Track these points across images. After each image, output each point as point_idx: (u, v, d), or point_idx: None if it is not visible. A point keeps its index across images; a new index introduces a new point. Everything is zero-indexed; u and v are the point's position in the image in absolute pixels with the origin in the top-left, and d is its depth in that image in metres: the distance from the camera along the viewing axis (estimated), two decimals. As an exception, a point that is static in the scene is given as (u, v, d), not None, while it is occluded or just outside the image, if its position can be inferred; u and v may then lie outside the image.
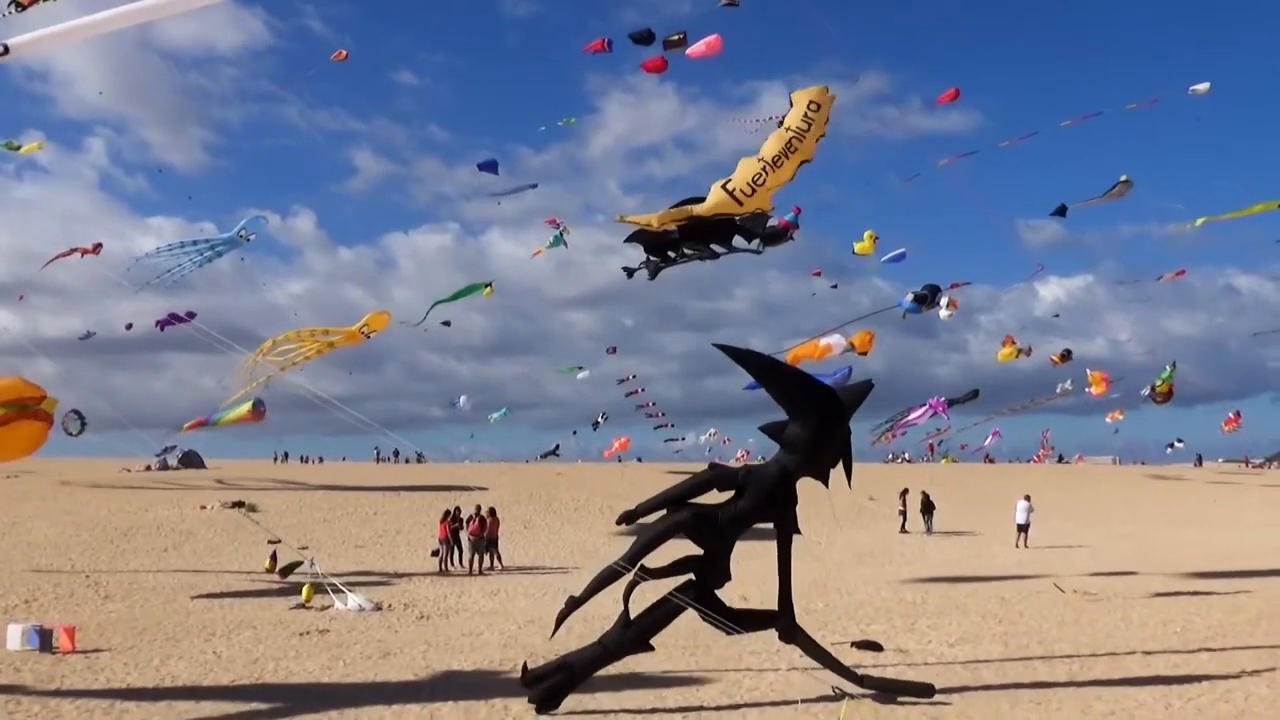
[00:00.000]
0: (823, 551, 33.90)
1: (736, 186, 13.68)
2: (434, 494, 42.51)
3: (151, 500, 38.43)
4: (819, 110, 13.56)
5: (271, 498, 39.97)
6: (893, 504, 41.66)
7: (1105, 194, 27.24)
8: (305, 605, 21.42)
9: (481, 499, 36.12)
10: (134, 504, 37.33)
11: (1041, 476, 58.04)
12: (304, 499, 40.25)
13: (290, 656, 15.95)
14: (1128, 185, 27.11)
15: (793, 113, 13.55)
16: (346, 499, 40.92)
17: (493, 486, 44.91)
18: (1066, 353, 35.53)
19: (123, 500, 38.14)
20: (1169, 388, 37.24)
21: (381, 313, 28.70)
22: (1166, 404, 38.22)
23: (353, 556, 30.76)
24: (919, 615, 18.96)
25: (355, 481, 47.79)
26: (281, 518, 35.79)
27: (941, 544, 36.64)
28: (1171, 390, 37.06)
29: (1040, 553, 32.58)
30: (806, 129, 13.46)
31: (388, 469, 62.97)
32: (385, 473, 56.31)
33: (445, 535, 29.50)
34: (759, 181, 13.65)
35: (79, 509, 36.01)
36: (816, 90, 13.64)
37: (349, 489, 44.62)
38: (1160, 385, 36.43)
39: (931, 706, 11.94)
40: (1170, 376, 36.42)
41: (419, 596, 23.69)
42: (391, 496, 42.12)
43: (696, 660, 15.36)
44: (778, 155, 13.37)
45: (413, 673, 14.57)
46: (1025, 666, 14.35)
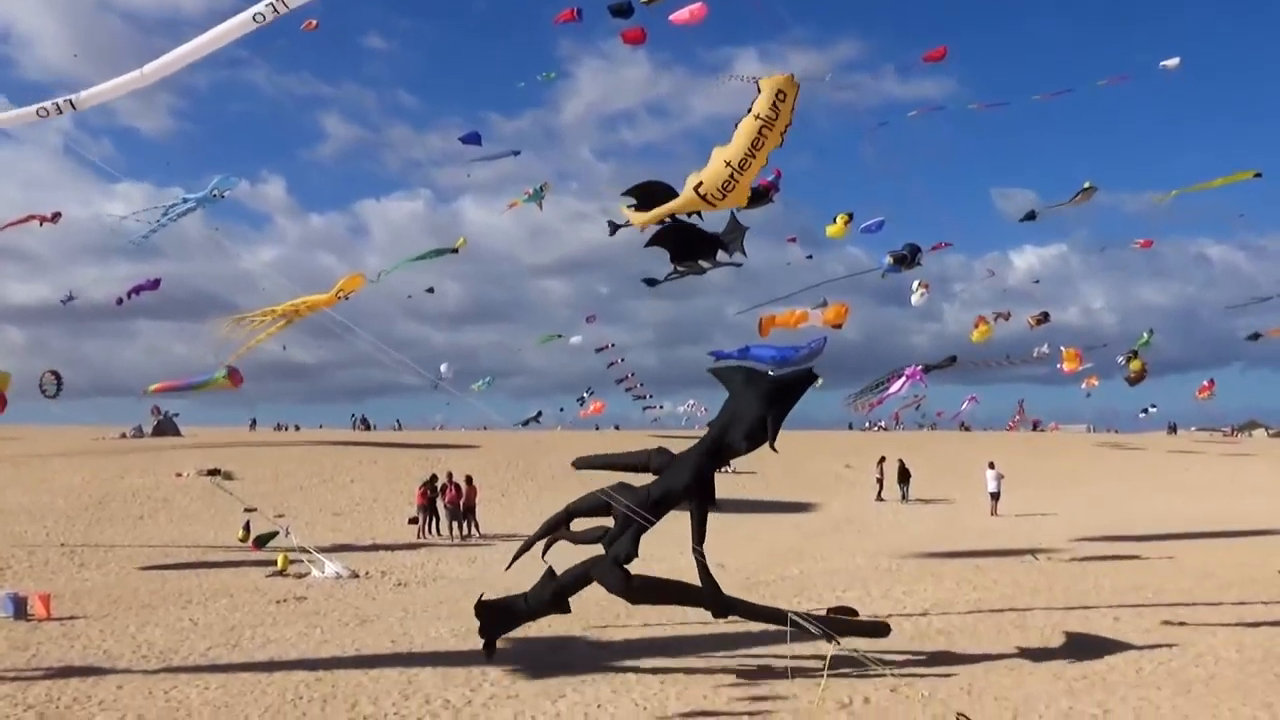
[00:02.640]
0: (799, 519, 34.15)
1: (708, 191, 13.97)
2: (412, 461, 42.43)
3: (126, 467, 38.14)
4: (785, 100, 13.63)
5: (247, 465, 39.75)
6: (869, 472, 41.96)
7: (1071, 200, 27.63)
8: (282, 573, 21.37)
9: (458, 465, 36.07)
10: (108, 471, 37.03)
11: (1015, 444, 58.55)
12: (281, 467, 40.06)
13: (267, 624, 15.92)
14: (1092, 191, 27.54)
15: (761, 99, 13.58)
16: (323, 466, 40.76)
17: (469, 454, 44.85)
18: (1044, 315, 35.74)
19: (96, 467, 37.82)
20: (1142, 366, 37.62)
21: (355, 275, 28.43)
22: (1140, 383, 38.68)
23: (330, 524, 30.68)
24: (894, 582, 19.12)
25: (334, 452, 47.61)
26: (258, 485, 35.63)
27: (916, 512, 36.96)
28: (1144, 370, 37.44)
29: (1013, 521, 32.92)
30: (775, 118, 13.52)
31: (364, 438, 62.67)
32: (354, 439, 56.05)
33: (423, 503, 29.48)
34: (728, 188, 13.91)
35: (52, 477, 35.69)
36: (784, 79, 13.70)
37: (328, 443, 44.44)
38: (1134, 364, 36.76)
39: (909, 671, 12.05)
40: (1147, 344, 36.78)
41: (396, 564, 23.69)
42: (369, 464, 41.98)
43: (673, 625, 15.44)
44: (744, 155, 13.51)
45: (390, 640, 14.58)
46: (998, 632, 14.50)
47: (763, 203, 18.16)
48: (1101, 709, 10.49)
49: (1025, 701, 10.76)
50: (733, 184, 13.83)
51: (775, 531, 29.90)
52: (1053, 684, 11.50)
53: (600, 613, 16.66)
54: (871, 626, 13.04)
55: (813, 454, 48.19)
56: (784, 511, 35.75)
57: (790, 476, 43.73)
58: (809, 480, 43.81)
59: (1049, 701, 10.75)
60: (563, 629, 15.35)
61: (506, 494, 37.73)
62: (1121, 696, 10.93)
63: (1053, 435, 75.86)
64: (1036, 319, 35.26)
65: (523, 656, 13.15)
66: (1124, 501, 38.38)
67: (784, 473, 43.62)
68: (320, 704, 10.97)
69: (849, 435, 63.84)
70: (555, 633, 15.14)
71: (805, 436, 54.79)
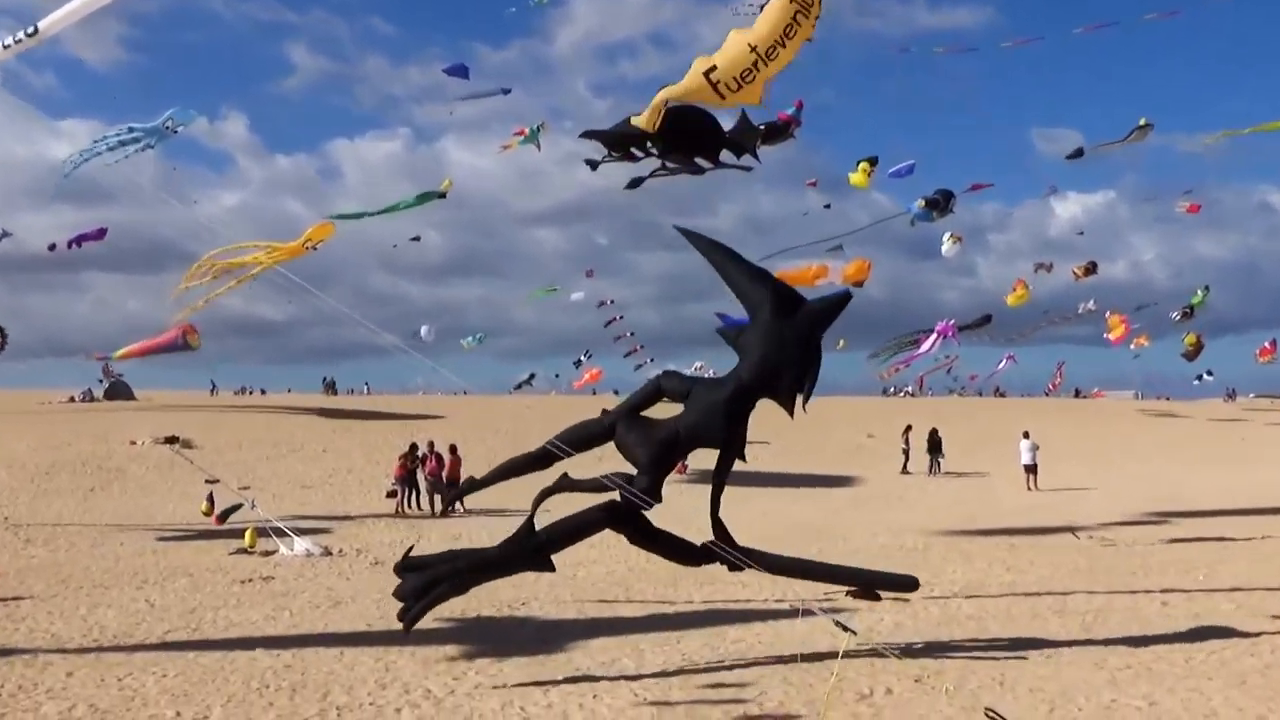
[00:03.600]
0: (817, 494, 34.23)
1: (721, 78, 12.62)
2: (389, 428, 42.51)
3: (75, 434, 38.22)
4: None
5: (208, 432, 39.84)
6: (894, 442, 42.03)
7: (1125, 139, 27.38)
8: (247, 550, 21.46)
9: (440, 433, 36.12)
10: (56, 438, 37.12)
11: (1055, 412, 58.57)
12: (245, 434, 40.14)
13: (231, 605, 16.00)
14: (1148, 129, 27.24)
15: None
16: (292, 434, 40.84)
17: (452, 421, 44.92)
18: (1091, 265, 35.63)
19: (43, 434, 37.90)
20: (1197, 340, 37.61)
21: (325, 224, 28.34)
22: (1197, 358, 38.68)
23: (299, 497, 30.79)
24: (920, 564, 19.18)
25: (304, 419, 47.68)
26: (220, 455, 35.71)
27: (946, 486, 37.06)
28: (1200, 344, 37.42)
29: (1052, 495, 33.02)
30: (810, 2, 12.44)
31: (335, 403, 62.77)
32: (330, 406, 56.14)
33: (402, 474, 29.55)
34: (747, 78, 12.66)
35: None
36: None
37: (296, 409, 44.51)
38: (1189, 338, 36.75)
39: (933, 660, 12.10)
40: (1202, 301, 36.71)
41: (373, 541, 23.78)
42: (342, 433, 42.07)
43: (674, 606, 15.51)
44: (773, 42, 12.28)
45: (365, 623, 14.65)
46: (1035, 617, 14.56)
47: (782, 138, 17.72)
48: (1147, 701, 10.53)
49: (1063, 693, 10.80)
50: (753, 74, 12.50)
51: (791, 507, 29.97)
52: (1094, 674, 11.55)
53: (598, 594, 16.75)
54: (903, 581, 13.01)
55: (833, 422, 48.25)
56: (800, 485, 35.83)
57: (808, 447, 43.80)
58: (828, 451, 43.89)
59: (1089, 693, 10.79)
60: (554, 611, 15.43)
61: (494, 464, 37.78)
62: (1169, 688, 10.97)
63: (1096, 402, 75.90)
64: (1084, 269, 35.18)
65: (510, 640, 13.22)
66: (1174, 475, 38.46)
67: (801, 442, 43.67)
68: (289, 693, 11.03)
69: (872, 401, 63.85)
70: (544, 610, 15.22)
71: (825, 403, 54.71)
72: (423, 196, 30.25)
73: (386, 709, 10.49)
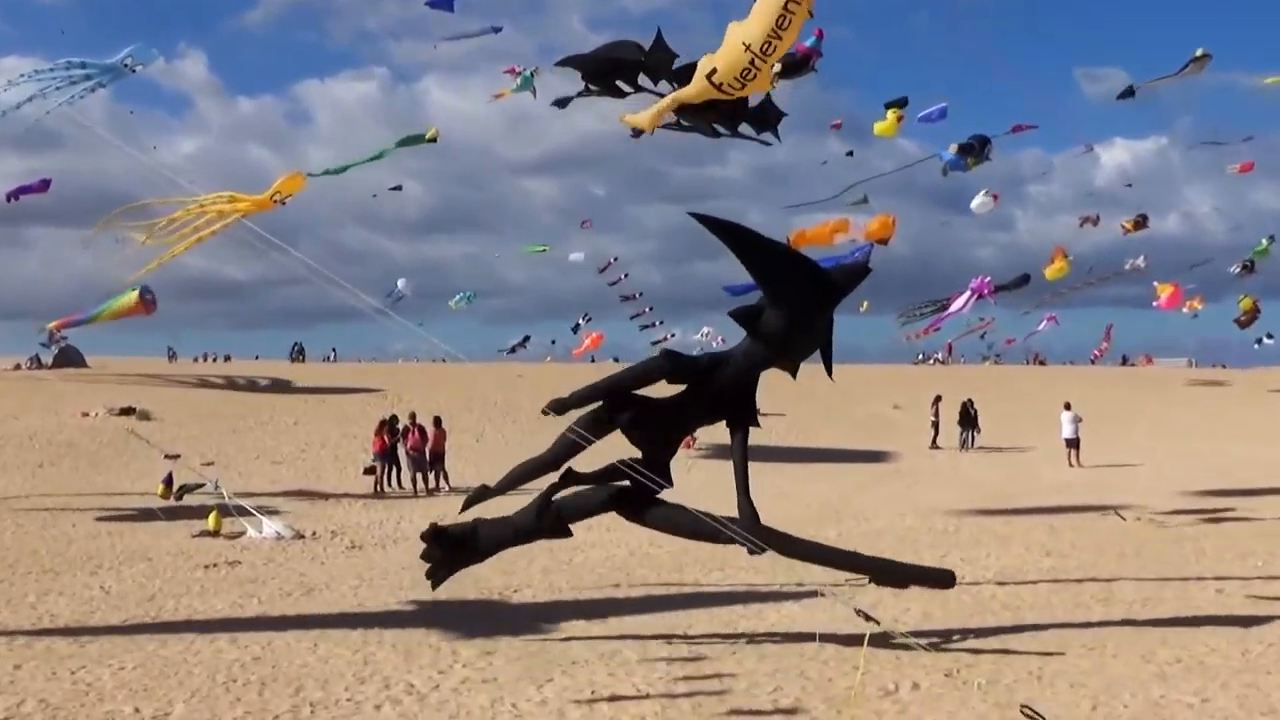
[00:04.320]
0: (837, 471, 34.29)
1: (723, 81, 13.44)
2: (367, 399, 42.58)
3: (22, 405, 38.29)
4: None
5: (168, 404, 39.90)
6: (922, 414, 42.04)
7: (1180, 72, 27.13)
8: (211, 533, 21.54)
9: (423, 404, 36.16)
10: (1, 409, 37.18)
11: (1100, 381, 58.54)
12: (208, 405, 40.21)
13: (194, 593, 16.07)
14: (1205, 61, 26.98)
15: None
16: (259, 405, 40.90)
17: (436, 389, 44.95)
18: (1141, 219, 35.46)
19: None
20: (1253, 305, 37.48)
21: (294, 175, 28.13)
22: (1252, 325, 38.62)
23: (268, 475, 30.87)
24: (951, 546, 19.23)
25: (272, 388, 47.73)
26: (180, 428, 35.80)
27: (979, 462, 37.11)
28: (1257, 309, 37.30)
29: (1096, 472, 33.05)
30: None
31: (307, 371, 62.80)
32: (303, 375, 56.20)
33: (381, 449, 29.61)
34: (748, 76, 13.44)
35: (-68, 416, 35.85)
36: None
37: (263, 379, 44.62)
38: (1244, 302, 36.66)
39: (965, 653, 12.14)
40: (1265, 251, 36.54)
41: (349, 523, 23.86)
42: (315, 403, 42.15)
43: (680, 593, 15.56)
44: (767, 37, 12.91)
45: (342, 612, 14.71)
46: (1077, 606, 14.60)
47: (801, 73, 17.70)
48: (1199, 697, 10.56)
49: (1107, 688, 10.83)
50: (753, 71, 13.48)
51: (808, 486, 29.99)
52: (1141, 668, 11.58)
53: (597, 580, 16.81)
54: (937, 575, 13.15)
55: (855, 392, 48.26)
56: (819, 461, 35.89)
57: (827, 419, 43.83)
58: (850, 424, 43.91)
59: (1136, 688, 10.82)
60: (547, 594, 15.49)
61: (482, 438, 37.88)
62: (1223, 683, 11.00)
63: (1145, 370, 75.85)
64: (1133, 223, 35.00)
65: (501, 631, 13.26)
66: (1230, 450, 38.45)
67: (819, 414, 43.72)
68: (258, 687, 11.07)
69: (899, 370, 63.82)
70: (538, 599, 15.28)
71: (847, 371, 54.66)
72: (407, 140, 30.02)
73: (365, 705, 10.53)
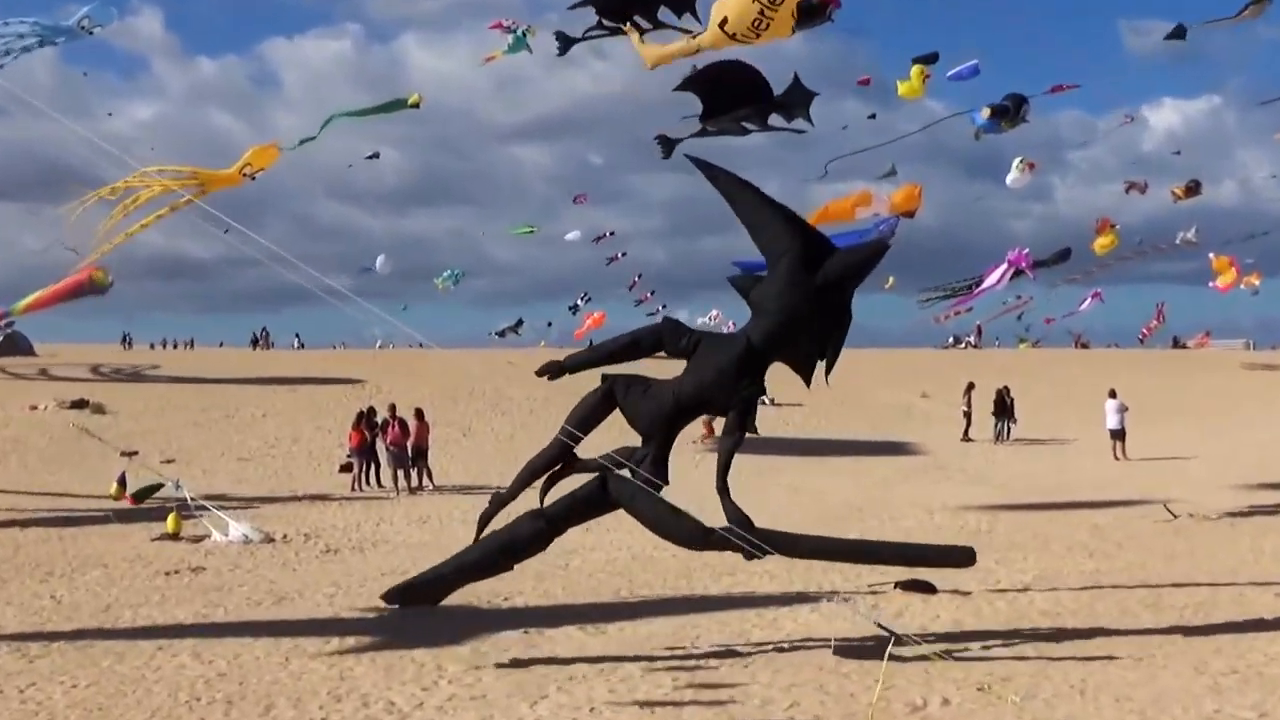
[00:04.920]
0: (859, 465, 34.31)
1: (736, 31, 13.57)
2: (343, 389, 42.62)
3: (-37, 398, 38.32)
4: None
5: (124, 396, 39.94)
6: (953, 403, 42.02)
7: (1237, 15, 26.98)
8: (172, 536, 21.56)
9: (405, 395, 36.18)
10: (-61, 403, 37.24)
11: (1149, 365, 58.53)
12: (168, 397, 40.24)
13: (153, 602, 16.09)
14: (1264, 3, 26.83)
15: None
16: (225, 397, 40.93)
17: (420, 379, 44.98)
18: (1193, 185, 35.33)
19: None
20: None
21: (267, 146, 28.14)
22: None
23: (234, 473, 30.93)
24: (985, 548, 19.20)
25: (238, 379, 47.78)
26: (138, 422, 35.85)
27: (1016, 455, 37.14)
28: None
29: (1144, 466, 33.05)
30: None
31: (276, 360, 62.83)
32: (267, 363, 56.23)
33: (359, 445, 29.65)
34: (760, 26, 13.54)
35: None
36: None
37: (228, 368, 44.63)
38: None
39: (999, 664, 12.15)
40: None
41: (324, 525, 23.89)
42: (286, 394, 42.18)
43: (687, 601, 15.57)
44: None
45: (317, 622, 14.72)
46: (1123, 612, 14.60)
47: (816, 21, 17.66)
48: (1257, 711, 10.56)
49: (1155, 702, 10.84)
50: (765, 20, 13.59)
51: (827, 481, 30.00)
52: (1193, 680, 11.58)
53: (596, 587, 16.83)
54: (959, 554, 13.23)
55: (878, 379, 48.27)
56: (839, 454, 35.88)
57: (848, 408, 43.85)
58: (873, 414, 43.92)
59: (1188, 703, 10.83)
60: (541, 602, 15.50)
61: (470, 432, 37.94)
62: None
63: (1199, 353, 75.80)
64: (1185, 189, 34.87)
65: (490, 643, 13.28)
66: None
67: (840, 403, 43.71)
68: (224, 706, 11.10)
69: (927, 354, 63.85)
70: (534, 612, 15.28)
71: (869, 356, 54.70)
72: (388, 105, 29.94)
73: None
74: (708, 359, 12.87)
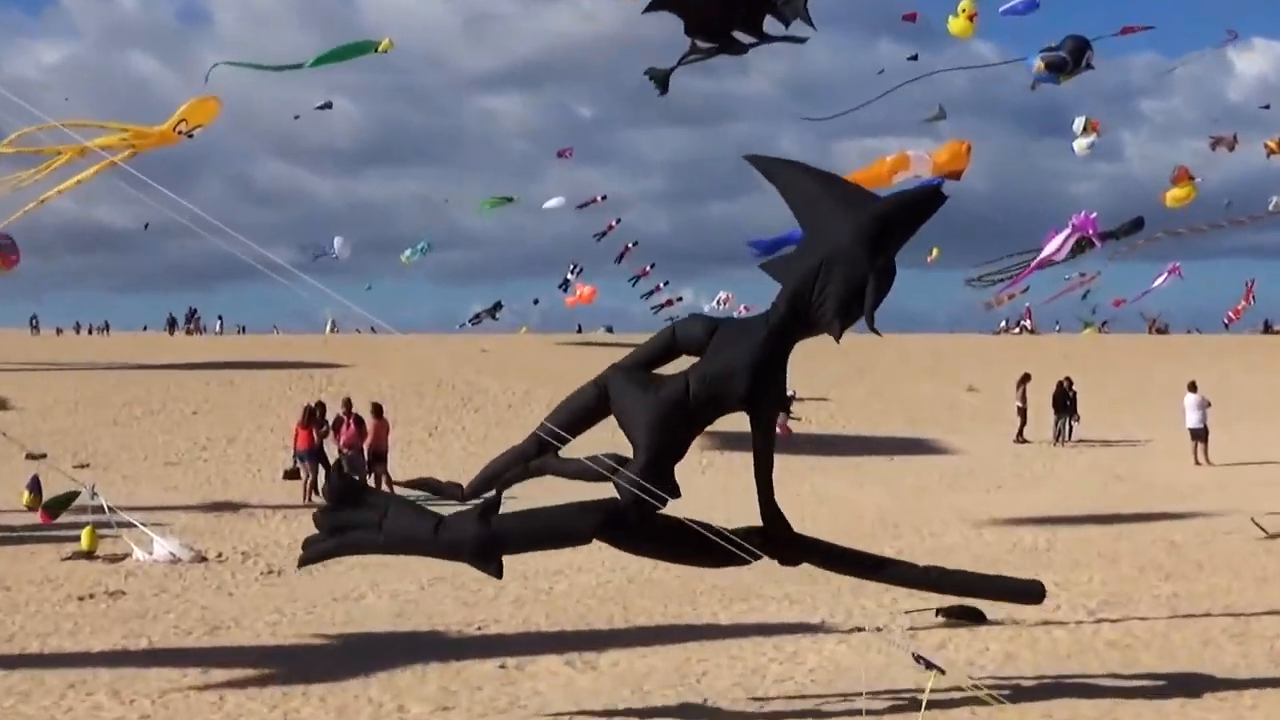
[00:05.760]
0: (895, 470, 34.29)
1: None
2: (289, 380, 42.56)
3: None
4: None
5: (30, 389, 39.91)
6: (1005, 397, 41.99)
7: None
8: (88, 554, 21.52)
9: (360, 389, 36.16)
10: None
11: (1236, 353, 58.52)
12: (82, 389, 40.20)
13: (65, 631, 16.07)
14: None
15: None
16: (150, 390, 40.89)
17: (377, 370, 44.95)
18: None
19: None
20: None
21: (206, 99, 28.11)
22: None
23: (162, 479, 30.88)
24: (1042, 567, 19.22)
25: (158, 361, 47.75)
26: (46, 420, 35.82)
27: (1080, 459, 37.11)
28: None
29: (1229, 472, 33.02)
30: None
31: (198, 345, 62.78)
32: (198, 350, 56.21)
33: (307, 446, 29.56)
34: None
35: None
36: None
37: (153, 357, 44.59)
38: None
39: (1059, 703, 12.14)
40: None
41: (265, 540, 23.86)
42: (222, 386, 42.13)
43: (692, 631, 15.55)
44: None
45: (257, 654, 14.70)
46: (1205, 644, 14.60)
47: None
48: (1361, 761, 10.58)
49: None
50: None
51: (858, 489, 29.97)
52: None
53: (584, 614, 16.80)
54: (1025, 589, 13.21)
55: (918, 369, 48.28)
56: (872, 456, 35.86)
57: (883, 404, 43.86)
58: (911, 410, 43.89)
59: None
60: (520, 631, 15.46)
61: (436, 432, 37.91)
62: (1394, 742, 11.02)
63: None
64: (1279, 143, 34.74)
65: (460, 680, 13.26)
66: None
67: (872, 398, 43.77)
68: (147, 754, 11.10)
69: (975, 341, 63.81)
70: (512, 643, 15.26)
71: (906, 343, 54.70)
72: (351, 48, 29.56)
73: (285, 776, 10.56)
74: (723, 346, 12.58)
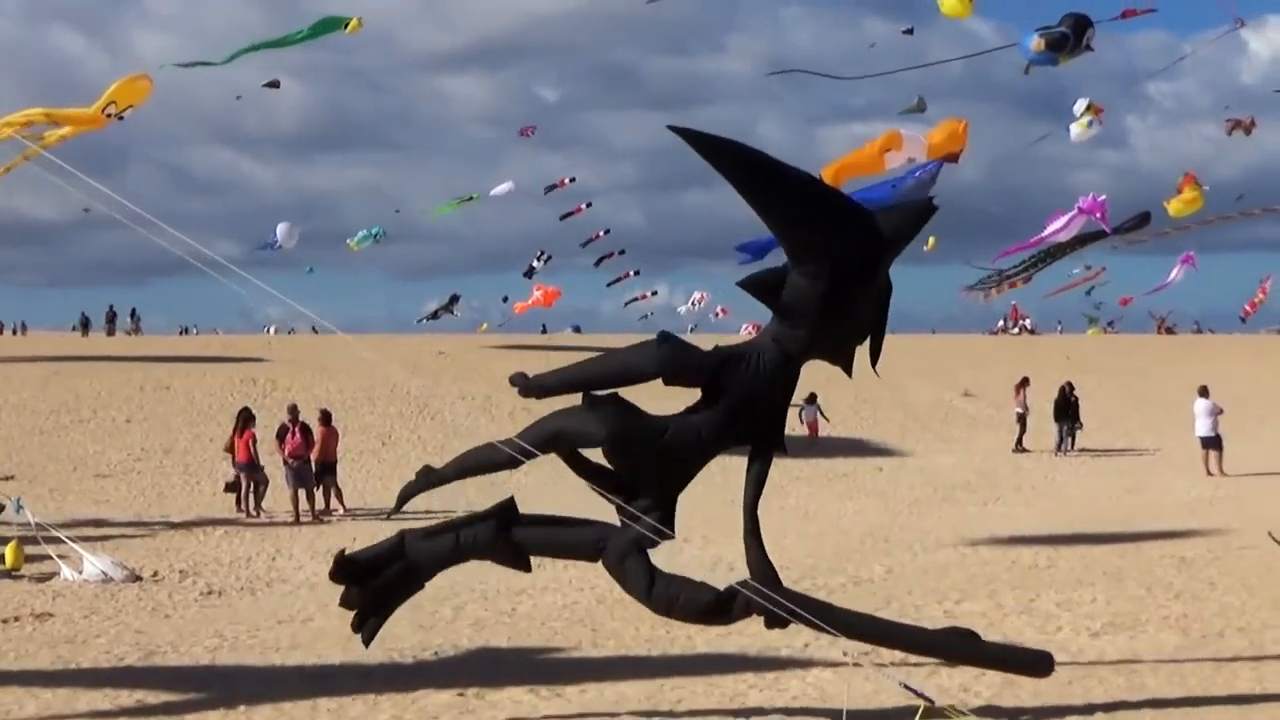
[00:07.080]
0: (885, 482, 34.38)
1: None
2: (230, 385, 42.44)
3: None
4: None
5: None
6: (1002, 403, 42.13)
7: None
8: (11, 574, 21.48)
9: (305, 394, 36.08)
10: None
11: (1250, 355, 58.80)
12: (3, 394, 40.03)
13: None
14: None
15: None
16: (78, 395, 40.72)
17: (323, 373, 44.84)
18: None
19: None
20: None
21: (137, 78, 27.98)
22: None
23: (92, 492, 30.77)
24: (1043, 587, 19.31)
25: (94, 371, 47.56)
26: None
27: (1083, 469, 37.26)
28: None
29: (1244, 483, 33.17)
30: None
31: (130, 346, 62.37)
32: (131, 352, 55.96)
33: (248, 458, 29.49)
34: None
35: None
36: None
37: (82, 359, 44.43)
38: None
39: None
40: None
41: (205, 558, 23.80)
42: (156, 392, 41.97)
43: (666, 656, 15.59)
44: None
45: (196, 681, 14.67)
46: (1217, 668, 14.66)
47: None
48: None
49: (1257, 783, 10.93)
50: None
51: (846, 502, 30.04)
52: (1304, 755, 11.69)
53: (549, 635, 16.82)
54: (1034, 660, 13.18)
55: (909, 372, 48.38)
56: (860, 466, 35.93)
57: (871, 410, 43.96)
58: (903, 416, 44.00)
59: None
60: (484, 663, 15.48)
61: (390, 441, 37.86)
62: None
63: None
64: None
65: (415, 710, 13.27)
66: None
67: (860, 403, 43.84)
68: (76, 791, 11.08)
69: (970, 341, 64.02)
70: (471, 669, 15.28)
71: (897, 344, 54.55)
72: (316, 27, 29.38)
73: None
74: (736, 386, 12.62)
